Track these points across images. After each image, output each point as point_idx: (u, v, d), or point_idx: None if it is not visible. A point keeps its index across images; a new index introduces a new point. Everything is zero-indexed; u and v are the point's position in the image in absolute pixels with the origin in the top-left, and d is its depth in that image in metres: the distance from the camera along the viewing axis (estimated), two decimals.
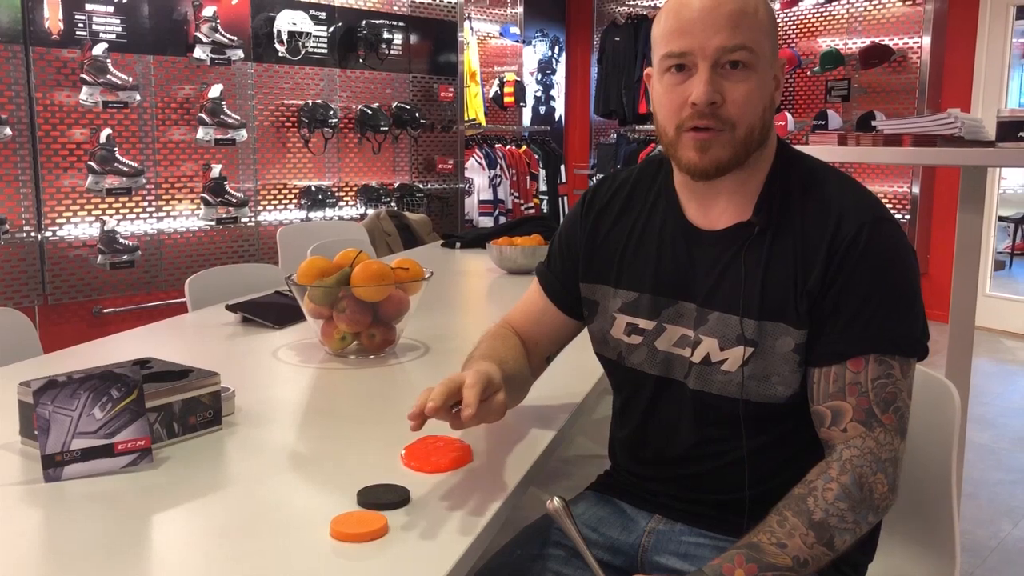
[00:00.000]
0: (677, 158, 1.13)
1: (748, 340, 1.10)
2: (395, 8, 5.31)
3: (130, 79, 4.04)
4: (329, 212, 4.98)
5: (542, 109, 7.14)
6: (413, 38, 5.40)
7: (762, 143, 1.12)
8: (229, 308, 1.98)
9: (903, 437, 1.07)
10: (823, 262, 1.07)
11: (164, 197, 4.34)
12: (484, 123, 6.17)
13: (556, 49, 7.19)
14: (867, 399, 1.05)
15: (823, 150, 2.39)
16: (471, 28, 6.04)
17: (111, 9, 4.04)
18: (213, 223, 4.49)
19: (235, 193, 4.53)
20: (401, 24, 5.31)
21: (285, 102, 4.78)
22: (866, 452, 1.04)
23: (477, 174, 6.01)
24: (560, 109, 7.33)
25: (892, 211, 5.43)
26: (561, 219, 6.47)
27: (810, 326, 1.08)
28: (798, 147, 1.25)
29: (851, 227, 1.06)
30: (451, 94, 5.62)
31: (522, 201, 6.24)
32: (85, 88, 3.92)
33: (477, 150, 6.06)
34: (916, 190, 5.40)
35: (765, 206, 1.12)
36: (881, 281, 1.06)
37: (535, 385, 1.35)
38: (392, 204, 5.21)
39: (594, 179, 6.78)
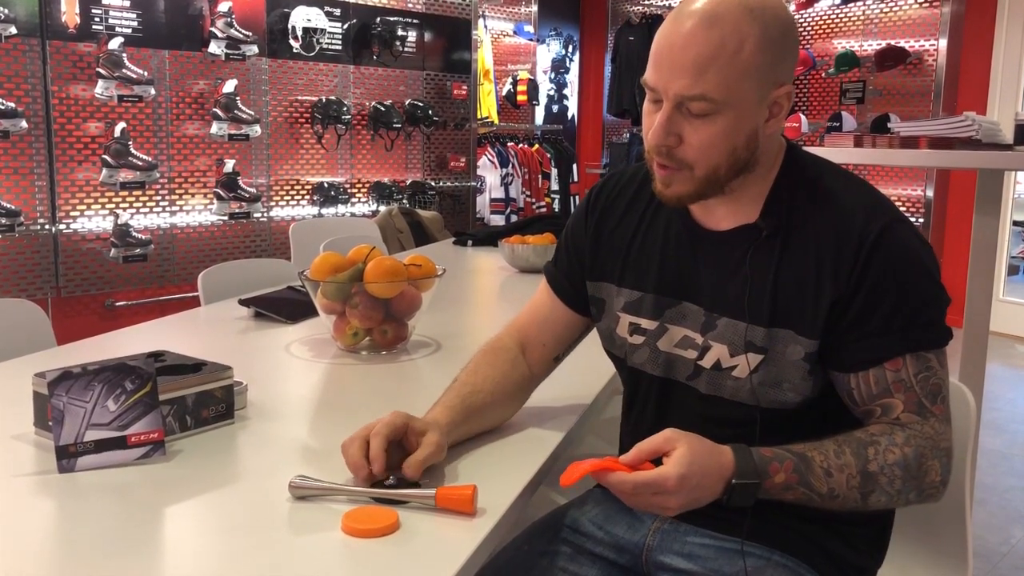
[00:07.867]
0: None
1: (757, 347, 1.09)
2: (409, 5, 5.31)
3: (145, 73, 4.06)
4: (341, 208, 4.98)
5: (555, 108, 7.14)
6: (427, 35, 5.40)
7: (742, 170, 1.09)
8: (242, 303, 1.99)
9: (951, 427, 1.08)
10: (845, 270, 1.05)
11: (177, 191, 4.36)
12: (497, 121, 6.16)
13: (570, 48, 7.18)
14: (915, 393, 1.05)
15: (839, 152, 2.38)
16: (485, 26, 6.04)
17: (127, 4, 4.05)
18: (226, 218, 4.50)
19: (248, 188, 4.54)
20: (415, 21, 5.31)
21: (299, 98, 4.79)
22: (927, 436, 1.04)
23: (489, 172, 6.00)
24: (573, 108, 7.32)
25: (906, 215, 5.42)
26: None
27: (828, 335, 1.06)
28: (813, 149, 1.24)
29: (868, 233, 1.05)
30: (464, 92, 5.62)
31: (534, 200, 6.23)
32: (100, 82, 3.93)
33: (489, 148, 6.06)
34: (930, 194, 5.36)
35: (773, 210, 1.11)
36: (906, 285, 1.05)
37: (546, 385, 1.34)
38: (404, 201, 5.21)
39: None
